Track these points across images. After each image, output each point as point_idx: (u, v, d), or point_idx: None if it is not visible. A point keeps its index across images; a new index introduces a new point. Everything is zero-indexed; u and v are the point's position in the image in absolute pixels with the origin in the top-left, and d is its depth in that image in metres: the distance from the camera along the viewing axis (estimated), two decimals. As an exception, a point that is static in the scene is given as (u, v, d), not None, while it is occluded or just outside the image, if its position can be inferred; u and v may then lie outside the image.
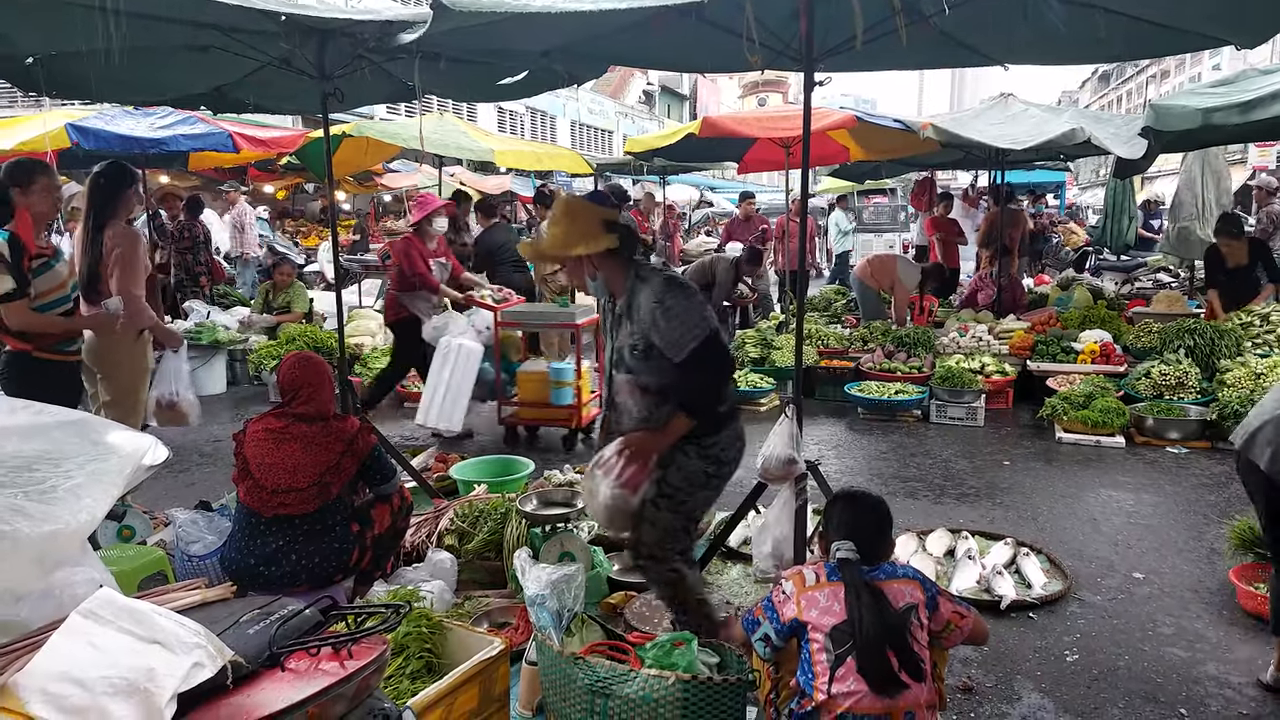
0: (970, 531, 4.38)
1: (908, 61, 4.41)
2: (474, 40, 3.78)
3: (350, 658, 1.83)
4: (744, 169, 10.93)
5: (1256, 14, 3.20)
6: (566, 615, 2.68)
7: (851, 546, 2.38)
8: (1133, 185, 14.23)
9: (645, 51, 4.46)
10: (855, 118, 8.33)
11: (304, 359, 3.43)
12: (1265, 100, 5.95)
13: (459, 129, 10.96)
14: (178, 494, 5.10)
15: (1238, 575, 3.72)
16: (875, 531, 2.46)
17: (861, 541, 2.41)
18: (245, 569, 3.19)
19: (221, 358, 8.30)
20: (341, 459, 3.28)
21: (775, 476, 3.61)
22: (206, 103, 5.23)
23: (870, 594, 2.26)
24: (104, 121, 8.32)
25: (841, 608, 2.26)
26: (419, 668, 2.72)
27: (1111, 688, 3.11)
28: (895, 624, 2.22)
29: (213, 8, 3.40)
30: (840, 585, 2.30)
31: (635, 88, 41.13)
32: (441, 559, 3.74)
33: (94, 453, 2.13)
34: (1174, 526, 4.62)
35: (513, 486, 4.68)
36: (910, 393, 7.00)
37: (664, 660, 2.51)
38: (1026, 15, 3.30)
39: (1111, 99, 61.24)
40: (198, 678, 1.64)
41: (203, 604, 2.21)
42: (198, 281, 9.98)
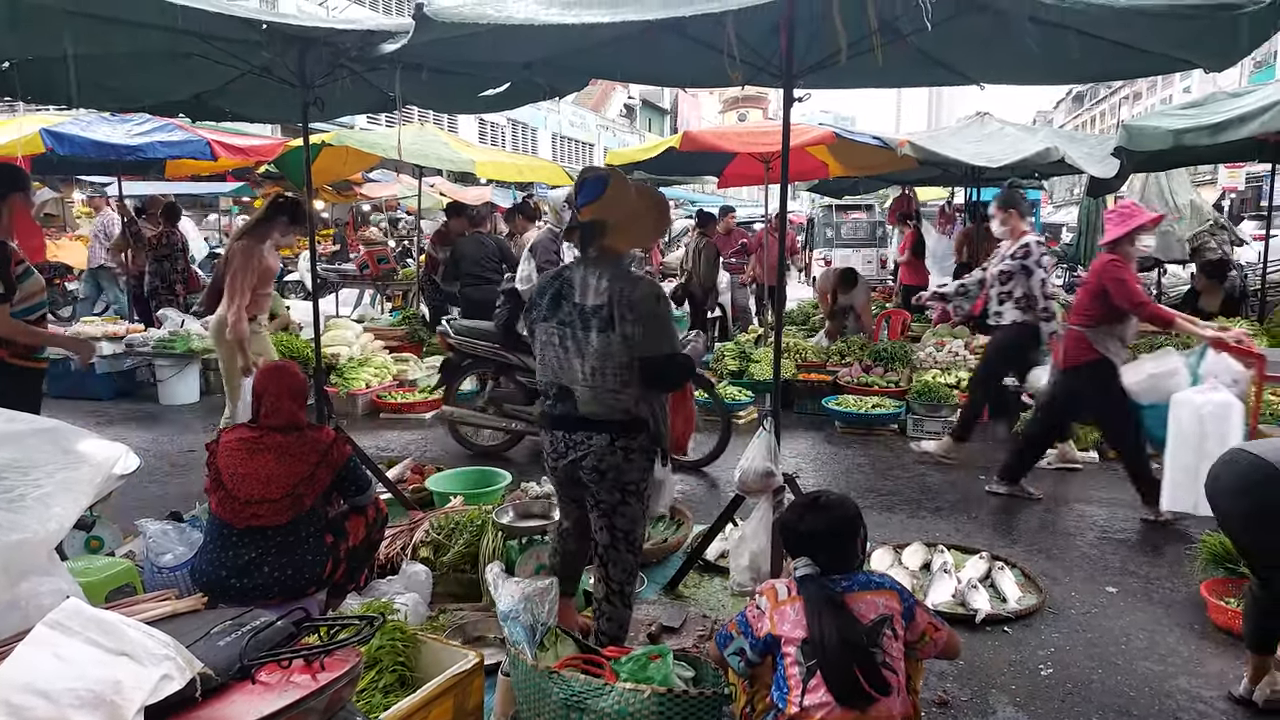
0: (946, 545, 4.40)
1: (886, 79, 4.47)
2: (456, 51, 3.78)
3: (322, 670, 1.81)
4: (724, 183, 11.00)
5: (1224, 39, 3.26)
6: (540, 629, 2.67)
7: (808, 562, 2.39)
8: (1105, 204, 14.42)
9: (627, 65, 4.48)
10: (834, 134, 8.41)
11: (274, 368, 3.41)
12: (1234, 123, 6.08)
13: (439, 139, 10.95)
14: (149, 504, 5.02)
15: (1209, 590, 3.76)
16: (834, 538, 2.45)
17: (821, 551, 2.41)
18: (216, 581, 3.14)
19: (195, 367, 8.21)
20: (316, 470, 3.24)
21: (753, 489, 3.61)
22: (185, 110, 5.21)
23: (831, 608, 2.26)
24: (80, 127, 8.24)
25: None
26: (392, 681, 2.70)
27: (1085, 702, 3.12)
28: (857, 638, 2.22)
29: (194, 16, 3.38)
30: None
31: (616, 101, 41.29)
32: (416, 571, 3.71)
33: (64, 461, 2.10)
34: (1146, 541, 4.67)
35: (489, 498, 4.65)
36: (888, 407, 7.04)
37: (639, 674, 2.50)
38: (1002, 36, 3.36)
39: (1085, 119, 62.13)
40: (166, 690, 1.61)
41: (172, 615, 2.18)
42: (173, 290, 9.88)
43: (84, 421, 6.99)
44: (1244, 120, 6.01)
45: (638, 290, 2.83)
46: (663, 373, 2.90)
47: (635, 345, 2.81)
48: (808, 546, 2.45)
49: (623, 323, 2.79)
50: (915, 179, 11.88)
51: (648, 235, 3.09)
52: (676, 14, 2.75)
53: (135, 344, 8.29)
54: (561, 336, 2.91)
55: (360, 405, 7.60)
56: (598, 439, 2.88)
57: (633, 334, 2.79)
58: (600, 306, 2.83)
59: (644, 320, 2.80)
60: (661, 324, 2.86)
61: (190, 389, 8.19)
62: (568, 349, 2.90)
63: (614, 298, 2.81)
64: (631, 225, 2.94)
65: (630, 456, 2.89)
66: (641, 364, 2.83)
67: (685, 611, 3.73)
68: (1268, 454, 2.80)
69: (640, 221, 2.97)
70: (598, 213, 2.88)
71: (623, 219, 2.90)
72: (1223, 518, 3.05)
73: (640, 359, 2.83)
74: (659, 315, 2.85)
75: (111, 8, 3.47)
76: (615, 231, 2.90)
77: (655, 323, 2.83)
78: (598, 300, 2.84)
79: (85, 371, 8.11)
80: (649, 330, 2.81)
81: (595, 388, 2.85)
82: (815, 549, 2.43)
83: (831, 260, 18.28)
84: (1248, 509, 2.88)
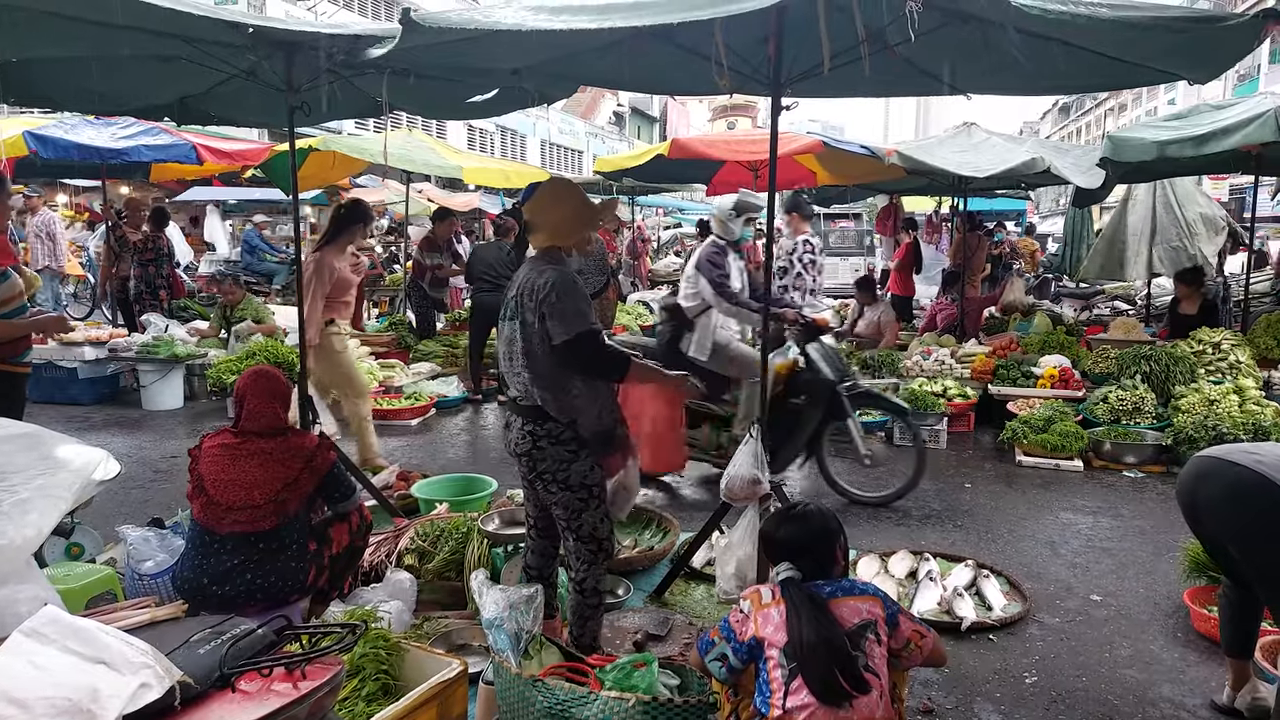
0: (932, 553, 4.40)
1: (873, 89, 4.48)
2: (443, 57, 3.77)
3: (304, 678, 1.80)
4: (712, 191, 11.01)
5: (1207, 51, 3.29)
6: (525, 637, 2.65)
7: (789, 565, 2.43)
8: (1091, 215, 14.54)
9: (616, 72, 4.48)
10: (822, 143, 8.44)
11: (256, 372, 3.39)
12: (1217, 134, 6.14)
13: (427, 145, 10.95)
14: (131, 511, 4.98)
15: (1192, 598, 3.78)
16: (812, 547, 2.49)
17: (802, 557, 2.45)
18: (198, 588, 3.11)
19: (179, 372, 8.15)
20: (300, 475, 3.22)
21: (740, 497, 3.61)
22: (170, 114, 5.15)
23: (810, 607, 2.28)
24: (64, 130, 8.19)
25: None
26: (375, 690, 2.68)
27: (1070, 709, 3.13)
28: (837, 638, 2.24)
29: (180, 19, 3.36)
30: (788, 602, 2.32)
31: (606, 109, 41.36)
32: (401, 579, 3.69)
33: (42, 467, 2.08)
34: (1130, 549, 4.69)
35: (475, 505, 4.63)
36: (874, 415, 7.04)
37: (624, 682, 2.49)
38: (988, 46, 3.37)
39: (1071, 130, 62.62)
40: (144, 699, 1.60)
41: (152, 623, 2.16)
42: (157, 295, 9.81)
43: (66, 427, 6.93)
44: (1228, 132, 6.08)
45: (540, 279, 2.95)
46: (567, 358, 2.93)
47: (534, 332, 2.93)
48: (787, 554, 2.49)
49: (522, 309, 2.96)
50: (902, 188, 11.94)
51: (571, 227, 3.10)
52: (664, 21, 2.75)
53: (119, 349, 8.21)
54: (502, 328, 3.12)
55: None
56: (515, 421, 3.06)
57: (530, 321, 2.93)
58: (512, 295, 3.06)
59: (543, 306, 2.91)
60: (561, 309, 2.90)
61: (174, 394, 8.13)
62: (500, 338, 3.14)
63: (523, 288, 2.99)
64: (554, 220, 3.07)
65: (539, 444, 2.97)
66: (552, 349, 2.93)
67: (671, 619, 3.72)
68: (1257, 465, 2.74)
69: (560, 214, 3.08)
70: (527, 212, 3.13)
71: (546, 217, 3.08)
72: (1210, 529, 2.97)
73: (552, 346, 2.93)
74: (558, 302, 2.90)
75: (96, 10, 3.45)
76: (542, 228, 3.07)
77: (555, 308, 2.89)
78: (513, 290, 3.07)
79: (67, 375, 8.07)
80: (553, 316, 2.90)
81: (507, 372, 3.08)
82: (794, 556, 2.47)
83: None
84: (1247, 523, 2.78)
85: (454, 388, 8.37)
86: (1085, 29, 2.96)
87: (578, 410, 2.97)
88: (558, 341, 2.89)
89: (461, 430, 7.43)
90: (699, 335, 5.41)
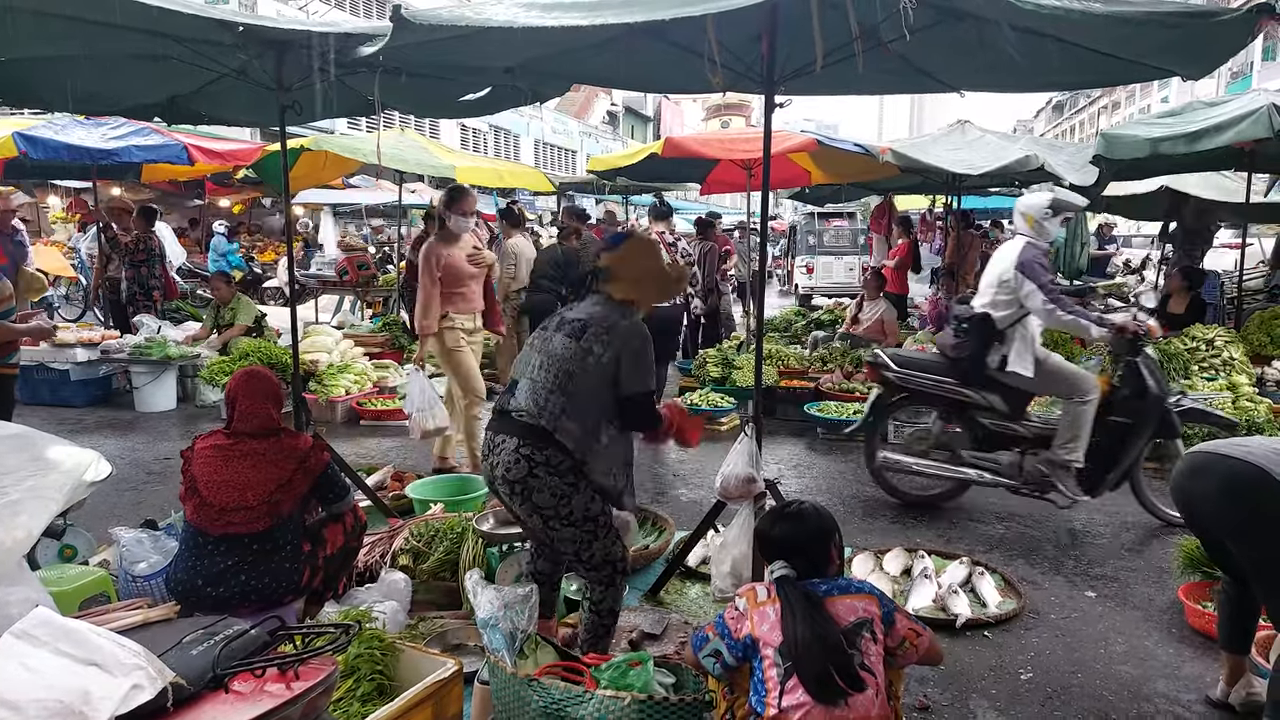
0: (927, 550, 4.41)
1: (867, 86, 4.48)
2: (435, 55, 3.76)
3: (297, 679, 1.79)
4: (706, 190, 11.02)
5: (1201, 47, 3.29)
6: (520, 637, 2.64)
7: (784, 564, 2.43)
8: (1084, 213, 14.56)
9: (609, 70, 4.47)
10: (816, 141, 8.45)
11: (248, 374, 3.38)
12: (1210, 131, 6.15)
13: (419, 145, 10.93)
14: (124, 513, 4.96)
15: (1186, 594, 3.79)
16: (806, 546, 2.48)
17: (797, 555, 2.45)
18: (191, 589, 3.10)
19: (172, 373, 8.11)
20: (293, 476, 3.20)
21: (734, 495, 3.61)
22: (160, 113, 5.13)
23: (806, 605, 2.28)
24: (53, 131, 8.16)
25: None
26: (370, 690, 2.67)
27: (1065, 706, 3.13)
28: (832, 636, 2.23)
29: (171, 19, 3.35)
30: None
31: (599, 108, 41.37)
32: (395, 579, 3.67)
33: (33, 468, 2.07)
34: (1125, 545, 4.69)
35: (470, 505, 4.61)
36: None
37: (619, 681, 2.48)
38: (982, 43, 3.37)
39: (1065, 128, 62.83)
40: (136, 700, 1.59)
41: (144, 624, 2.15)
42: (150, 296, 9.76)
43: (58, 429, 6.88)
44: (1221, 129, 6.09)
45: (624, 321, 2.94)
46: (626, 409, 2.94)
47: (595, 363, 2.85)
48: (781, 553, 2.48)
49: (591, 336, 2.88)
50: (896, 187, 11.94)
51: (651, 289, 3.13)
52: (656, 17, 2.74)
53: (111, 350, 8.18)
54: (540, 339, 3.01)
55: (340, 412, 7.54)
56: (506, 443, 2.87)
57: (598, 352, 2.86)
58: (579, 319, 2.95)
59: (625, 350, 2.88)
60: (642, 363, 2.93)
61: (167, 396, 8.09)
62: (534, 346, 3.00)
63: (595, 318, 2.93)
64: (638, 277, 3.06)
65: (535, 472, 2.81)
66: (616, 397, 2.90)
67: (667, 618, 3.71)
68: (1249, 457, 2.74)
69: (646, 272, 3.08)
70: (611, 261, 3.07)
71: (632, 271, 3.05)
72: (1205, 524, 2.98)
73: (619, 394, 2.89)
74: (641, 354, 2.92)
75: (87, 9, 3.43)
76: (624, 280, 3.04)
77: (637, 359, 2.90)
78: (581, 315, 2.97)
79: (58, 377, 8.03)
80: (632, 365, 2.89)
81: (535, 381, 2.90)
82: (789, 555, 2.47)
83: (814, 268, 18.39)
84: (1243, 517, 2.77)
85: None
86: (1079, 24, 2.97)
87: (595, 455, 2.88)
88: (627, 392, 2.89)
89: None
90: (1019, 347, 4.82)
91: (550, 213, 23.16)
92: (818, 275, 18.37)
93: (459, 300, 5.46)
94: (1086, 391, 4.77)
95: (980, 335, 4.92)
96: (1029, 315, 4.79)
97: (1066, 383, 4.89)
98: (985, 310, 4.93)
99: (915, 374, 5.19)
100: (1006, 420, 5.05)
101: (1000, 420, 5.06)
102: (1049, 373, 4.89)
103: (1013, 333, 4.85)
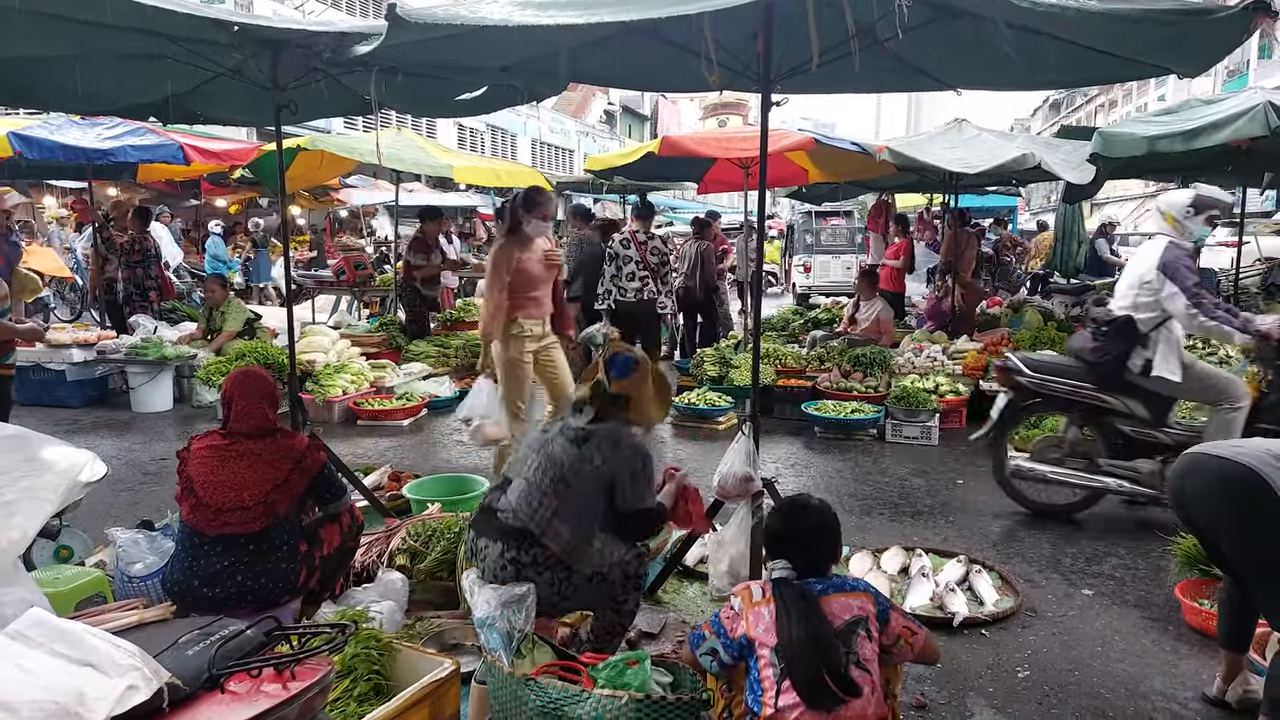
0: (924, 549, 4.41)
1: (863, 85, 4.47)
2: (431, 54, 3.75)
3: (293, 679, 1.78)
4: (704, 189, 11.01)
5: (1197, 44, 3.29)
6: (517, 636, 2.64)
7: (786, 564, 2.43)
8: (1082, 210, 14.59)
9: (606, 69, 4.47)
10: (813, 140, 8.46)
11: (243, 374, 3.37)
12: (1207, 129, 6.15)
13: (416, 144, 10.91)
14: (120, 513, 4.95)
15: (1183, 591, 3.79)
16: (814, 542, 2.48)
17: (799, 553, 2.45)
18: (188, 590, 3.09)
19: (168, 374, 8.10)
20: (289, 476, 3.20)
21: (732, 494, 3.60)
22: (156, 113, 5.12)
23: (801, 606, 2.28)
24: (49, 131, 8.15)
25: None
26: (367, 690, 2.66)
27: (1062, 704, 3.13)
28: (826, 639, 2.23)
29: (165, 17, 3.34)
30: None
31: (597, 108, 41.34)
32: (392, 579, 3.67)
33: (27, 469, 2.06)
34: (1122, 544, 4.69)
35: (467, 505, 4.61)
36: (866, 412, 7.06)
37: (617, 680, 2.47)
38: (978, 41, 3.37)
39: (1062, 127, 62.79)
40: (131, 701, 1.58)
41: (140, 625, 2.14)
42: (146, 296, 9.76)
43: (54, 429, 6.87)
44: (1217, 127, 6.08)
45: (628, 439, 3.00)
46: (624, 522, 2.98)
47: (592, 474, 2.89)
48: (787, 548, 2.47)
49: (595, 449, 2.91)
50: (893, 185, 11.96)
51: (654, 414, 3.24)
52: (651, 15, 2.74)
53: (107, 351, 8.17)
54: (540, 441, 3.04)
55: (337, 412, 7.53)
56: (490, 548, 2.88)
57: (597, 463, 2.89)
58: (583, 428, 2.99)
59: (627, 466, 2.92)
60: (643, 479, 2.98)
61: (164, 396, 8.08)
62: (532, 448, 3.04)
63: (600, 430, 2.97)
64: (647, 402, 3.14)
65: (525, 573, 2.82)
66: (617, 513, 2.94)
67: (664, 617, 3.71)
68: (1239, 457, 2.74)
69: (653, 401, 3.18)
70: (624, 389, 3.09)
71: (641, 396, 3.12)
72: (1200, 524, 2.97)
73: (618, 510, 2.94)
74: (642, 471, 2.98)
75: (81, 8, 3.42)
76: (635, 405, 3.10)
77: (639, 476, 2.96)
78: (584, 424, 3.01)
79: (55, 378, 8.02)
80: (633, 482, 2.94)
81: (530, 482, 2.90)
82: (795, 551, 2.46)
83: (811, 266, 18.40)
84: (1234, 518, 2.77)
85: (446, 387, 8.35)
86: (1075, 21, 2.97)
87: (584, 557, 2.89)
88: (625, 509, 2.93)
89: (453, 431, 7.39)
90: (1164, 351, 4.62)
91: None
92: (815, 274, 18.38)
93: (529, 305, 5.03)
94: (1237, 397, 4.61)
95: (1122, 338, 4.75)
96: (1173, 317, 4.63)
97: (1215, 388, 4.72)
98: (1127, 313, 4.75)
99: (1050, 379, 4.99)
100: (1148, 427, 4.85)
101: (1141, 427, 4.87)
102: (1197, 377, 4.71)
103: (1156, 335, 4.67)
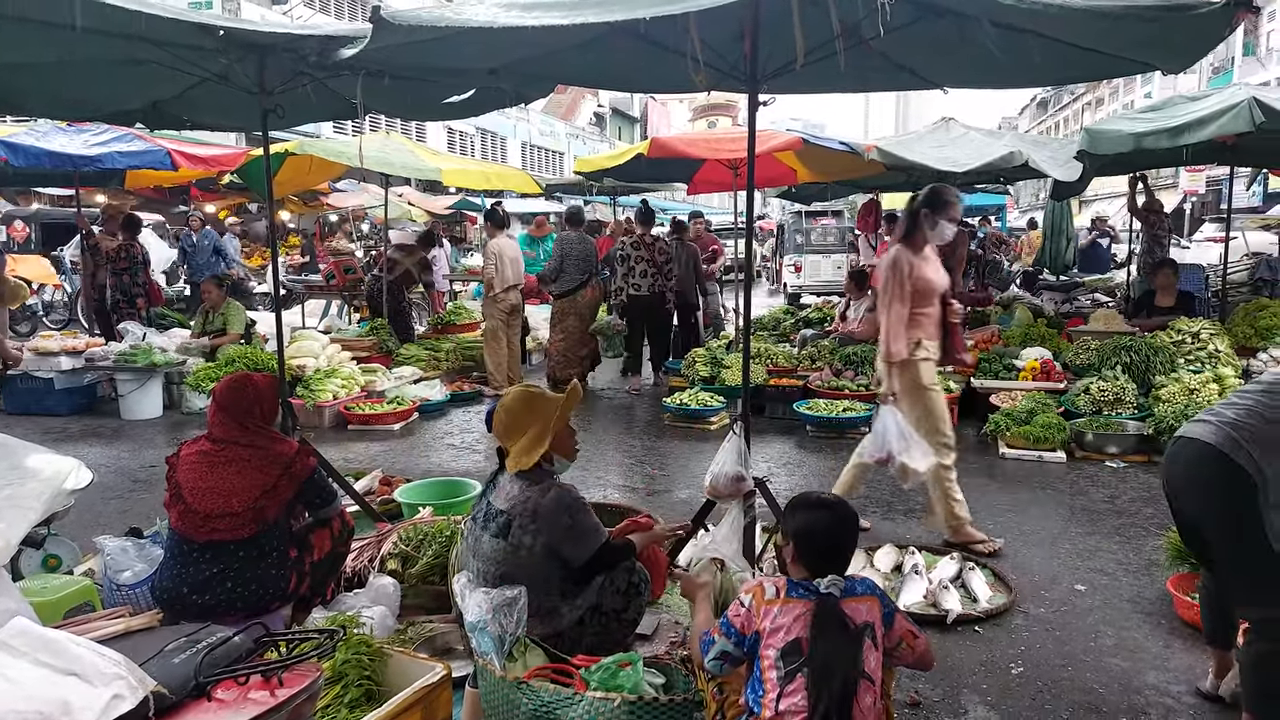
0: (917, 547, 4.41)
1: (850, 84, 4.48)
2: (417, 56, 3.74)
3: (281, 686, 1.77)
4: (693, 190, 11.02)
5: (1180, 40, 3.30)
6: (509, 640, 2.63)
7: (836, 579, 2.27)
8: (1070, 207, 14.64)
9: (593, 71, 4.47)
10: (802, 139, 8.46)
11: (233, 379, 3.35)
12: (1193, 125, 6.19)
13: (405, 148, 10.89)
14: (109, 521, 4.92)
15: (1175, 585, 3.80)
16: (850, 543, 2.42)
17: (841, 563, 2.35)
18: (177, 597, 3.07)
19: (157, 381, 8.06)
20: (278, 482, 3.17)
21: (724, 494, 3.60)
22: (142, 119, 5.10)
23: (833, 630, 2.19)
24: (35, 137, 8.12)
25: (797, 625, 2.22)
26: (358, 696, 2.64)
27: (1055, 699, 3.14)
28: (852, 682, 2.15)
29: (150, 22, 3.32)
30: (799, 603, 2.25)
31: (586, 110, 41.37)
32: (384, 584, 3.65)
33: (10, 477, 2.05)
34: (1114, 538, 4.70)
35: (459, 509, 4.59)
36: (858, 410, 7.06)
37: (609, 682, 2.47)
38: (963, 40, 3.38)
39: (1049, 125, 63.09)
40: (117, 710, 1.57)
41: (126, 633, 2.13)
42: (134, 303, 9.72)
43: (42, 438, 6.85)
44: (1203, 123, 6.12)
45: (545, 498, 2.86)
46: (591, 568, 2.95)
47: (529, 555, 2.83)
48: (832, 558, 2.35)
49: (520, 533, 2.83)
50: (882, 185, 11.98)
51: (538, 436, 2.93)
52: (636, 16, 2.74)
53: (95, 358, 8.12)
54: (472, 536, 2.98)
55: (327, 417, 7.50)
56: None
57: (529, 544, 2.83)
58: (502, 511, 2.89)
59: (547, 534, 2.84)
60: (579, 531, 2.90)
61: (153, 403, 8.04)
62: (467, 544, 2.98)
63: (516, 507, 2.86)
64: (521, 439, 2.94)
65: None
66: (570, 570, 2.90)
67: (657, 618, 3.70)
68: (1208, 436, 2.64)
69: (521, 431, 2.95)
70: (498, 439, 3.02)
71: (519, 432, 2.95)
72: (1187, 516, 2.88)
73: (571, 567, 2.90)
74: (573, 525, 2.88)
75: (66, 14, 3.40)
76: (516, 453, 2.93)
77: (571, 532, 2.88)
78: (502, 505, 2.90)
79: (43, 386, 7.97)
80: (570, 540, 2.87)
81: (467, 589, 2.84)
82: (837, 560, 2.35)
83: (801, 266, 18.43)
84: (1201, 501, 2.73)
85: (437, 391, 8.33)
86: (1058, 19, 2.98)
87: (568, 614, 2.91)
88: (579, 564, 2.90)
89: (444, 434, 7.38)
90: None
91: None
92: (806, 274, 18.41)
93: (927, 322, 4.36)
94: None
95: None
96: None
97: None
98: None
99: None
100: None
101: None
102: None
103: None
